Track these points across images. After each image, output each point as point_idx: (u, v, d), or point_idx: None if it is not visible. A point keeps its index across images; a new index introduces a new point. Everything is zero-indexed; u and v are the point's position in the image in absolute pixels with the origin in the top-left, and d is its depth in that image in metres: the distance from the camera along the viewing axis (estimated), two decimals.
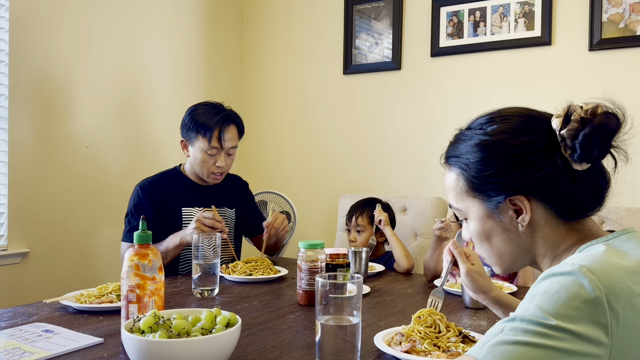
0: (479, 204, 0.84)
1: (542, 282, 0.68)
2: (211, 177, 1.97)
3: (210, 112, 1.93)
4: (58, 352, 1.01)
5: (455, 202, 0.89)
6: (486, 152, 0.81)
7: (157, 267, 1.07)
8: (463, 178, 0.85)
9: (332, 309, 0.93)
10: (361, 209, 2.12)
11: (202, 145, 1.91)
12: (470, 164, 0.83)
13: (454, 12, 2.64)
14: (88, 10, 2.38)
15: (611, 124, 0.75)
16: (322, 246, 1.45)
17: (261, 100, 3.28)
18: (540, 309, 0.65)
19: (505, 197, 0.81)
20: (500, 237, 0.85)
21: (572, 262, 0.68)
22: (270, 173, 3.25)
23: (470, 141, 0.84)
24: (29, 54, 2.17)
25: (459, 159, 0.86)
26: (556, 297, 0.64)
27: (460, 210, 0.89)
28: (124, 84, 2.57)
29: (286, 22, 3.18)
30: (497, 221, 0.84)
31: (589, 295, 0.63)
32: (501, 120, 0.83)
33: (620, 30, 2.29)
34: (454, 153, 0.87)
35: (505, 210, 0.82)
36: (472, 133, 0.85)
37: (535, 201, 0.80)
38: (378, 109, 2.88)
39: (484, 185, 0.82)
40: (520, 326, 0.65)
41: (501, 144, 0.81)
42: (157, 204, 1.92)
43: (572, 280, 0.65)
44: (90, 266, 2.41)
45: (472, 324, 1.26)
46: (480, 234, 0.86)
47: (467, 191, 0.85)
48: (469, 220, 0.88)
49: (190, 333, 0.92)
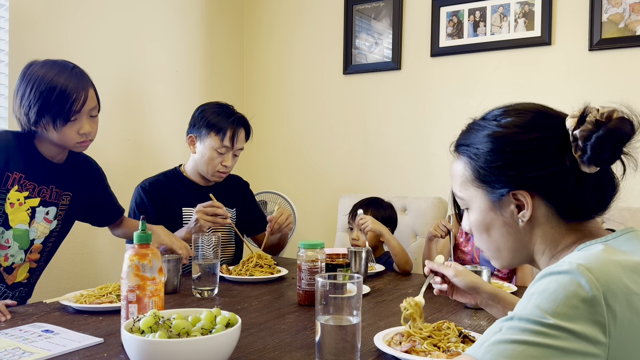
0: (483, 195, 0.85)
1: (540, 281, 0.68)
2: (216, 176, 1.99)
3: (223, 112, 1.96)
4: (58, 352, 1.01)
5: (460, 190, 0.89)
6: (497, 143, 0.82)
7: (158, 269, 1.07)
8: (470, 167, 0.85)
9: (332, 309, 0.93)
10: (365, 208, 2.10)
11: (213, 143, 1.93)
12: (479, 154, 0.83)
13: (454, 12, 2.64)
14: (88, 10, 2.38)
15: (625, 129, 0.74)
16: (322, 246, 1.45)
17: (261, 100, 3.28)
18: (538, 308, 0.65)
19: (509, 190, 0.81)
20: (500, 231, 0.85)
21: (570, 260, 0.68)
22: (270, 173, 3.25)
23: (482, 131, 0.84)
24: (29, 54, 2.16)
25: (469, 148, 0.86)
26: (554, 296, 0.65)
27: (463, 200, 0.89)
28: (124, 84, 2.57)
29: (286, 22, 3.18)
30: (498, 214, 0.84)
31: (586, 294, 0.64)
32: (516, 114, 0.83)
33: (620, 30, 2.29)
34: (464, 141, 0.87)
35: (507, 204, 0.82)
36: (485, 123, 0.85)
37: (538, 198, 0.80)
38: (378, 109, 2.88)
39: (490, 177, 0.82)
40: (519, 325, 0.65)
41: (512, 137, 0.81)
42: (159, 204, 1.93)
43: (570, 279, 0.65)
44: (90, 266, 2.41)
45: (472, 324, 1.26)
46: (481, 225, 0.87)
47: (473, 181, 0.85)
48: (471, 211, 0.88)
49: (190, 333, 0.92)
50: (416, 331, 1.05)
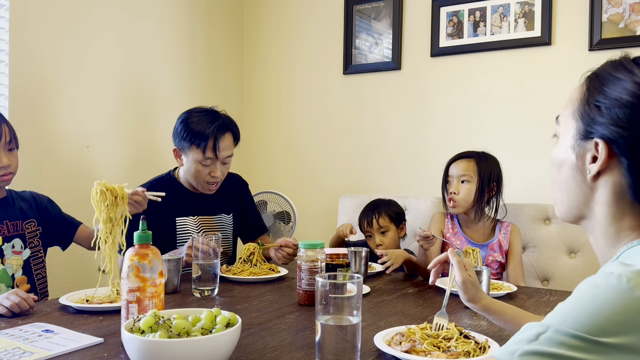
0: (574, 129, 0.79)
1: (584, 289, 0.64)
2: (206, 188, 1.91)
3: (203, 120, 1.84)
4: (58, 352, 1.01)
5: (562, 116, 0.84)
6: (631, 97, 0.72)
7: (158, 272, 1.07)
8: (584, 97, 0.79)
9: (332, 309, 0.93)
10: (377, 210, 2.08)
11: (196, 156, 1.83)
12: (603, 91, 0.75)
13: (454, 12, 2.64)
14: (88, 11, 2.38)
15: None
16: (322, 246, 1.45)
17: (261, 99, 3.28)
18: (580, 320, 0.61)
19: (598, 136, 0.74)
20: (568, 172, 0.80)
21: (620, 272, 0.63)
22: (270, 173, 3.25)
23: (622, 77, 0.75)
24: (29, 54, 2.17)
25: (598, 83, 0.77)
26: (600, 310, 0.61)
27: (559, 127, 0.84)
28: (124, 84, 2.57)
29: (286, 22, 3.18)
30: (574, 155, 0.79)
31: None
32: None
33: (620, 30, 2.29)
34: (600, 72, 0.79)
35: (586, 150, 0.77)
36: (632, 68, 0.75)
37: (617, 161, 0.73)
38: (378, 109, 2.88)
39: (593, 112, 0.76)
40: (556, 337, 0.61)
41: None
42: (150, 214, 1.82)
43: (619, 291, 0.62)
44: (90, 266, 2.41)
45: (472, 324, 1.26)
46: (557, 158, 0.83)
47: (577, 110, 0.79)
48: (557, 143, 0.84)
49: (190, 333, 0.92)
50: (419, 334, 1.06)
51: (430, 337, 1.04)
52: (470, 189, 1.96)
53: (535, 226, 2.22)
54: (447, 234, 2.06)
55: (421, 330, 1.08)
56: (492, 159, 2.02)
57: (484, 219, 2.02)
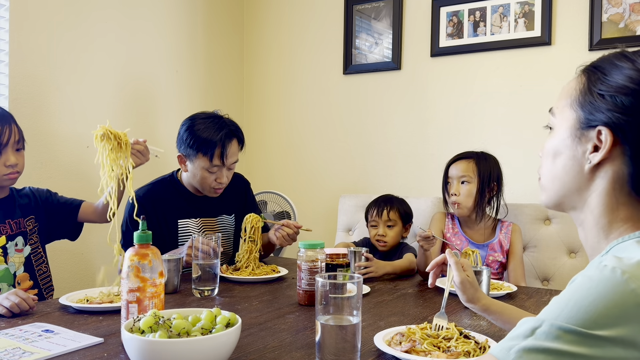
0: (573, 119, 0.79)
1: (579, 282, 0.65)
2: (212, 192, 1.91)
3: (210, 127, 1.82)
4: (58, 352, 1.01)
5: (557, 107, 0.83)
6: (632, 83, 0.73)
7: (158, 272, 1.07)
8: (584, 87, 0.78)
9: (332, 309, 0.93)
10: (390, 204, 2.07)
11: (202, 164, 1.82)
12: (605, 80, 0.75)
13: (454, 12, 2.64)
14: (89, 11, 2.38)
15: None
16: (322, 246, 1.45)
17: (261, 100, 3.28)
18: (576, 314, 0.62)
19: (602, 123, 0.74)
20: (564, 162, 0.80)
21: (614, 265, 0.64)
22: (270, 173, 3.25)
23: (624, 65, 0.75)
24: (28, 54, 2.17)
25: (598, 73, 0.78)
26: (594, 303, 0.61)
27: (554, 118, 0.84)
28: (124, 84, 2.57)
29: (286, 22, 3.18)
30: (573, 145, 0.78)
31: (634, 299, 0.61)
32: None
33: (620, 30, 2.29)
34: (599, 64, 0.79)
35: (588, 139, 0.76)
36: (633, 57, 0.75)
37: (621, 150, 0.73)
38: (378, 109, 2.88)
39: (596, 102, 0.75)
40: (553, 331, 0.62)
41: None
42: (152, 216, 1.82)
43: (614, 284, 0.62)
44: (90, 266, 2.41)
45: (472, 324, 1.26)
46: (552, 149, 0.82)
47: (575, 101, 0.79)
48: (552, 133, 0.84)
49: (190, 333, 0.92)
50: (420, 335, 1.06)
51: (430, 337, 1.04)
52: (470, 190, 1.96)
53: (535, 226, 2.22)
54: (448, 234, 2.06)
55: (421, 330, 1.09)
56: (492, 158, 2.02)
57: (485, 219, 2.02)
